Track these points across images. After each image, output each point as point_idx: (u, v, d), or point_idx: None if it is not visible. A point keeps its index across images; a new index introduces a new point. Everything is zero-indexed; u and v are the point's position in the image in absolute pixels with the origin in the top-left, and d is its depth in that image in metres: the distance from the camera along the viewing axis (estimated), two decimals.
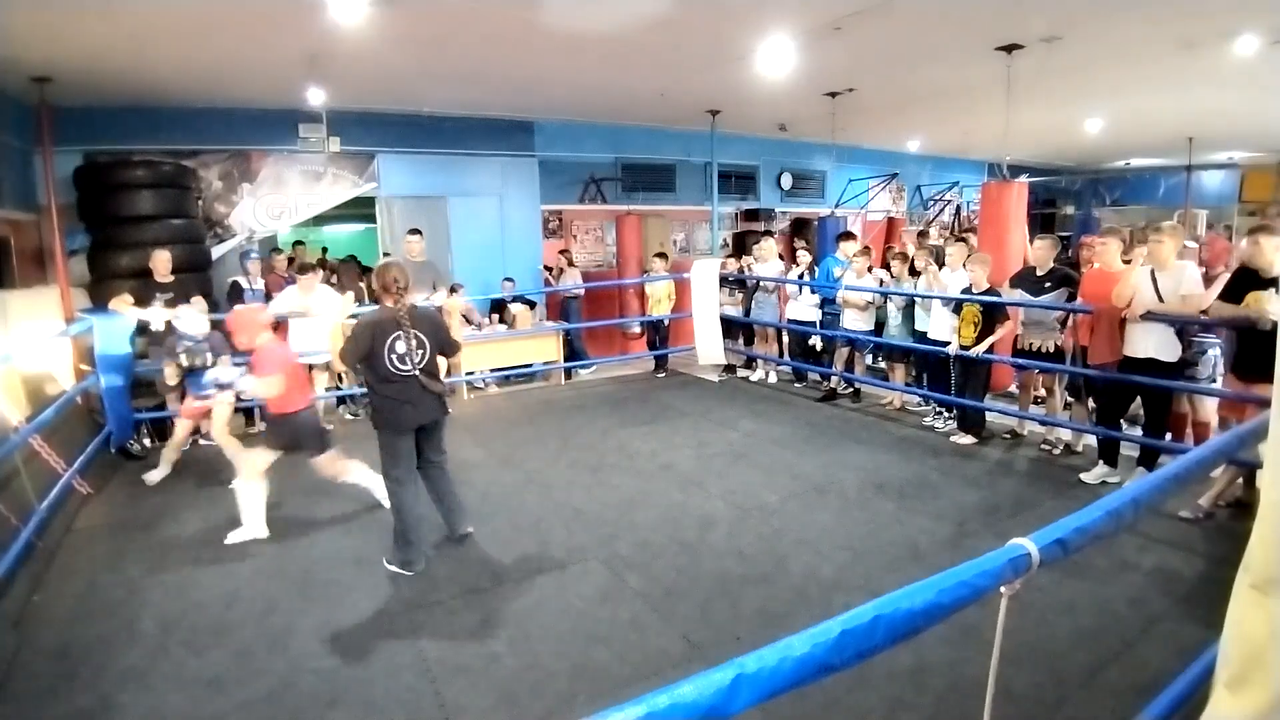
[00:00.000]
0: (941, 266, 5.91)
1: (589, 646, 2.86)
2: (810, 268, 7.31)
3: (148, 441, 5.78)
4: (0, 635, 2.95)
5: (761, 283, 7.62)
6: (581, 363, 8.42)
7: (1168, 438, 4.58)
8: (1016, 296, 5.18)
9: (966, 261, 5.56)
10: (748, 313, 7.86)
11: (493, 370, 7.79)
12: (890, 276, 6.45)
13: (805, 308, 7.17)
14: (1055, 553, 1.44)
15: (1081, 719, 2.40)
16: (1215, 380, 4.50)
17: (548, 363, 7.92)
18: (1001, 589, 1.38)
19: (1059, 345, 5.01)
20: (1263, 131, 10.33)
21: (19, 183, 6.25)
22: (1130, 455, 4.64)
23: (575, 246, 9.75)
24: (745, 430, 5.90)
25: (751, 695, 1.01)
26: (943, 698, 2.47)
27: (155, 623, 3.12)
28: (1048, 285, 5.03)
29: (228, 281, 6.69)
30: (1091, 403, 5.03)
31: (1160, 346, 4.25)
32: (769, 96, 7.53)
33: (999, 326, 5.25)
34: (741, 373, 8.15)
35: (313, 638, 2.97)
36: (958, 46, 5.98)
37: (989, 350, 5.30)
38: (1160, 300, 4.20)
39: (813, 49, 5.70)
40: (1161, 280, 4.22)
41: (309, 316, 5.85)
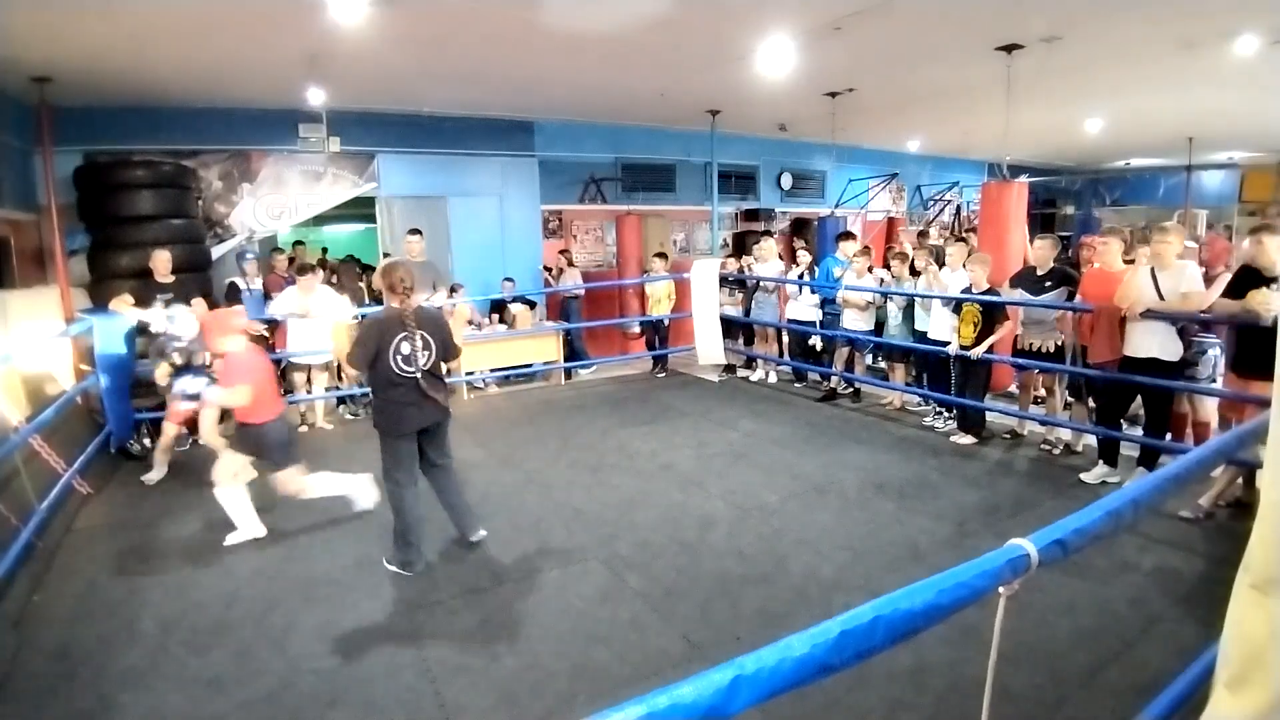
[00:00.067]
0: (941, 266, 5.91)
1: (589, 646, 2.86)
2: (810, 268, 7.31)
3: (148, 441, 5.76)
4: (0, 635, 2.95)
5: (761, 283, 7.62)
6: (581, 363, 8.42)
7: (1168, 438, 4.58)
8: (1016, 296, 5.18)
9: (966, 261, 5.56)
10: (748, 313, 7.86)
11: (493, 370, 7.79)
12: (890, 276, 6.45)
13: (805, 308, 7.17)
14: (1054, 553, 1.44)
15: (1081, 719, 2.40)
16: (1215, 380, 4.49)
17: (548, 363, 7.93)
18: (1000, 589, 1.37)
19: (1059, 344, 5.01)
20: (1263, 131, 10.33)
21: (19, 183, 6.25)
22: (1130, 455, 4.64)
23: (575, 246, 9.75)
24: (745, 430, 5.90)
25: (751, 695, 1.01)
26: (942, 698, 2.48)
27: (155, 623, 3.12)
28: (1048, 285, 5.03)
29: (225, 282, 6.70)
30: (1091, 402, 5.03)
31: (1161, 346, 4.24)
32: (769, 96, 7.53)
33: (999, 326, 5.25)
34: (741, 373, 8.15)
35: (313, 638, 2.97)
36: (958, 46, 5.98)
37: (989, 350, 5.30)
38: (1161, 299, 4.20)
39: (813, 49, 5.70)
40: (1162, 279, 4.22)
41: (309, 317, 5.86)
